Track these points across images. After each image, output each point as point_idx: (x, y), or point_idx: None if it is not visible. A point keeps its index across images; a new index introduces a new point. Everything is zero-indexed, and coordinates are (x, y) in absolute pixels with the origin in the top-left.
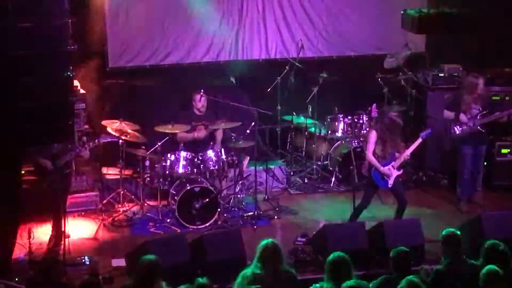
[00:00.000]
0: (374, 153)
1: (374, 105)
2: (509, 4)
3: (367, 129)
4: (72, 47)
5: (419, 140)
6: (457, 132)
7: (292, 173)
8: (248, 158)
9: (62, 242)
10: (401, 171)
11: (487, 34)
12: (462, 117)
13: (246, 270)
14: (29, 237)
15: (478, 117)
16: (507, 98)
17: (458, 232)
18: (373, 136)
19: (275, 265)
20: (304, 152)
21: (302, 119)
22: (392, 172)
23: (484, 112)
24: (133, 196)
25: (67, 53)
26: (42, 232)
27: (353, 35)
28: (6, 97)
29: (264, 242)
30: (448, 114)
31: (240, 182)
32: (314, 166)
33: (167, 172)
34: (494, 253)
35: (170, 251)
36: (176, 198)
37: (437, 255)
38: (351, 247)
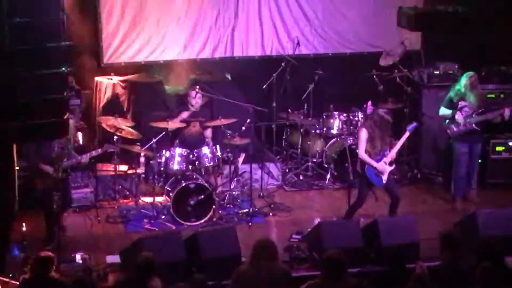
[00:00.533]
0: (366, 151)
1: (370, 102)
2: (504, 2)
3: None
4: (67, 43)
5: (406, 134)
6: (454, 130)
7: (287, 170)
8: (244, 155)
9: (56, 239)
10: (393, 166)
11: (482, 32)
12: (458, 115)
13: (241, 267)
14: (23, 233)
15: (473, 116)
16: (502, 96)
17: (456, 231)
18: (363, 134)
19: (269, 262)
20: (299, 149)
21: None
22: (385, 168)
23: (480, 110)
24: (128, 193)
25: (62, 49)
26: (37, 229)
27: (348, 32)
28: (1, 92)
29: (258, 239)
30: (444, 111)
31: (235, 179)
32: (309, 163)
33: (162, 168)
34: (488, 250)
35: (165, 248)
36: (171, 194)
37: (432, 252)
38: (345, 245)
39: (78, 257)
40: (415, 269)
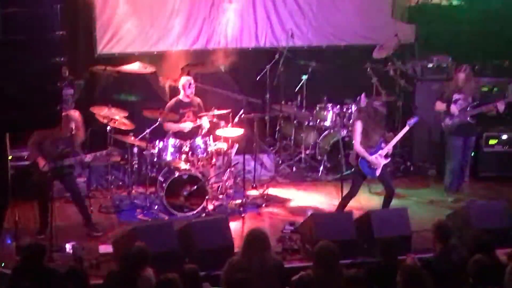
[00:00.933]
0: (360, 143)
1: (363, 95)
2: None
3: (353, 119)
4: (61, 33)
5: (406, 128)
6: (448, 123)
7: (280, 162)
8: (237, 146)
9: (49, 228)
10: (388, 160)
11: (476, 25)
12: (453, 108)
13: (233, 257)
14: (16, 222)
15: (468, 109)
16: (495, 89)
17: (449, 223)
18: (358, 126)
19: (262, 253)
20: (292, 141)
21: None
22: (380, 161)
23: (474, 103)
24: (120, 183)
25: (56, 39)
26: (29, 218)
27: (343, 25)
28: None
29: (251, 230)
30: (441, 106)
31: (228, 170)
32: (302, 155)
33: (155, 159)
34: (479, 243)
35: (157, 238)
36: (164, 185)
37: (424, 244)
38: (338, 236)
39: (68, 246)
40: (406, 261)
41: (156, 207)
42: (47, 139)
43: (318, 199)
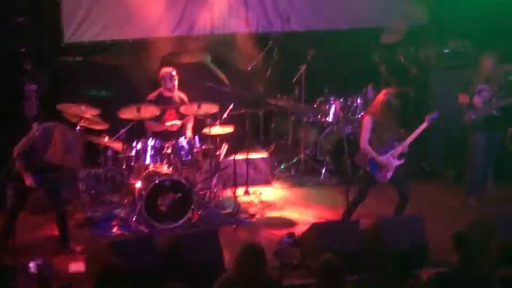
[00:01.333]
0: (370, 141)
1: (370, 86)
2: None
3: (362, 114)
4: (22, 19)
5: (424, 125)
6: (472, 118)
7: (276, 164)
8: (226, 146)
9: (10, 242)
10: (402, 161)
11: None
12: (476, 100)
13: (224, 275)
14: None
15: (493, 100)
16: None
17: (471, 231)
18: (367, 122)
19: (256, 270)
20: (290, 140)
21: None
22: (391, 162)
23: (499, 94)
24: (93, 191)
25: (16, 27)
26: None
27: (346, 6)
28: None
29: (244, 243)
30: (464, 98)
31: (216, 174)
32: (302, 156)
33: (133, 163)
34: (507, 253)
35: (136, 253)
36: (143, 193)
37: (442, 256)
38: (343, 249)
39: (32, 265)
40: (421, 276)
41: (134, 218)
42: (37, 149)
43: (320, 206)
